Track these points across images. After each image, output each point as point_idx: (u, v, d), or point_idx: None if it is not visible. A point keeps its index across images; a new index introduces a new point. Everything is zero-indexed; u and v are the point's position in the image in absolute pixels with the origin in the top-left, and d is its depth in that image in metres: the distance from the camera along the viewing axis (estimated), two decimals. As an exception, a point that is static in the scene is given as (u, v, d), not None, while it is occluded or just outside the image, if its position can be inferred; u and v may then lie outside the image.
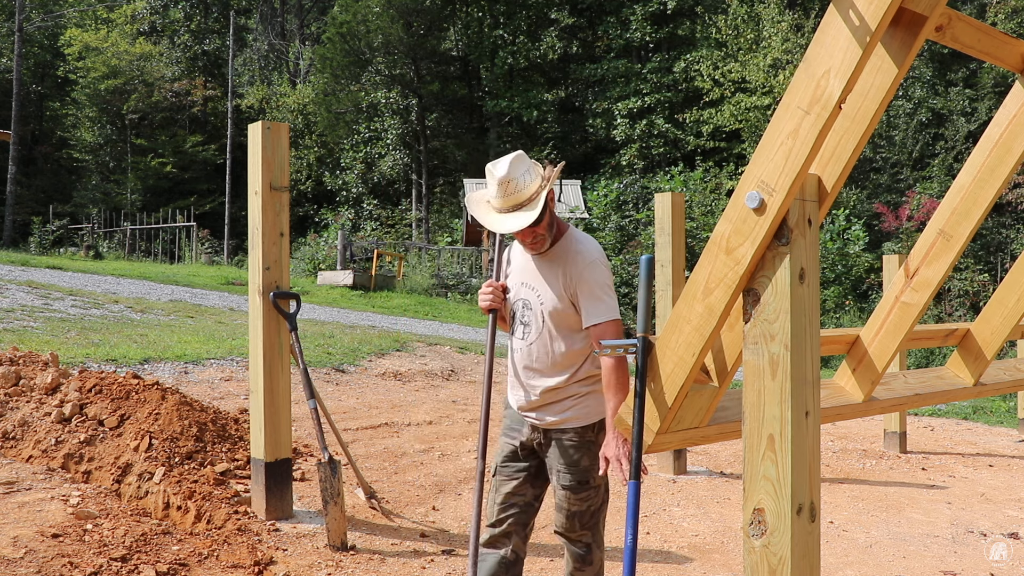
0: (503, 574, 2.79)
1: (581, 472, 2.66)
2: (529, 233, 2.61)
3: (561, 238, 2.71)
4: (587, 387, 2.68)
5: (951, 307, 16.95)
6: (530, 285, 2.73)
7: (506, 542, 2.76)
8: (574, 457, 2.66)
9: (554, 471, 2.71)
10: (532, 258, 2.75)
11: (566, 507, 2.69)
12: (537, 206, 2.56)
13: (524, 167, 2.60)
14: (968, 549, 4.58)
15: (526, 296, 2.74)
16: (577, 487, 2.67)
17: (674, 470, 5.94)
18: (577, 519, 2.70)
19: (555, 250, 2.69)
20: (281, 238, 4.21)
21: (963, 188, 2.53)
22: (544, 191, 2.59)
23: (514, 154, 2.61)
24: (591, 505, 2.71)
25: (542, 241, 2.65)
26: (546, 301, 2.67)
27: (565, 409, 2.67)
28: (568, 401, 2.67)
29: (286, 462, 4.20)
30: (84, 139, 32.32)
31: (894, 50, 1.82)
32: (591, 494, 2.69)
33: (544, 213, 2.59)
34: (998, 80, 20.60)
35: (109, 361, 6.98)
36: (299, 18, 38.33)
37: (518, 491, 2.77)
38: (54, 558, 3.18)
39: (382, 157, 30.03)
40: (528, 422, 2.75)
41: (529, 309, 2.73)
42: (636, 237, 21.20)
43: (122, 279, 15.02)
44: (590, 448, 2.67)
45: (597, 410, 2.68)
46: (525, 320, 2.74)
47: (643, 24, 27.70)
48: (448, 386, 8.70)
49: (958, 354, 3.16)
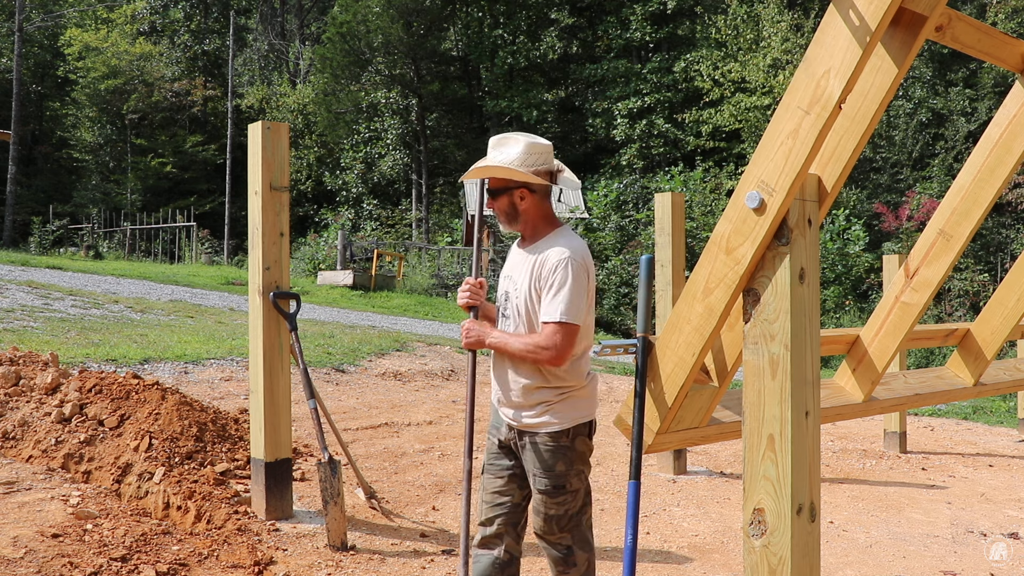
0: (497, 574, 2.79)
1: (556, 476, 2.65)
2: (491, 204, 2.75)
3: (550, 233, 2.71)
4: (562, 391, 2.65)
5: (951, 307, 16.95)
6: (512, 277, 2.75)
7: (498, 542, 2.76)
8: (549, 462, 2.65)
9: (530, 474, 2.71)
10: (518, 251, 2.78)
11: (543, 510, 2.68)
12: (496, 168, 2.66)
13: (525, 148, 2.67)
14: (968, 549, 4.58)
15: (508, 288, 2.77)
16: (553, 491, 2.66)
17: (674, 470, 5.94)
18: (555, 522, 2.68)
19: (539, 244, 2.70)
20: (281, 238, 4.21)
21: (963, 188, 2.53)
22: (519, 169, 2.64)
23: (530, 136, 2.70)
24: (568, 509, 2.69)
25: (504, 220, 2.75)
26: (521, 294, 2.68)
27: (540, 413, 2.65)
28: (542, 406, 2.65)
29: (286, 462, 4.20)
30: (84, 139, 32.32)
31: (894, 50, 1.82)
32: (568, 498, 2.67)
33: (504, 194, 2.69)
34: (998, 80, 20.60)
35: (109, 361, 6.98)
36: (299, 18, 38.32)
37: (505, 490, 2.77)
38: (54, 558, 3.18)
39: (382, 157, 30.03)
40: (505, 421, 2.76)
41: (508, 301, 2.75)
42: (636, 237, 21.20)
43: (122, 279, 15.02)
44: (565, 453, 2.65)
45: (572, 416, 2.66)
46: (506, 312, 2.76)
47: (643, 24, 27.69)
48: (448, 386, 8.70)
49: (958, 354, 3.17)
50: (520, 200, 2.69)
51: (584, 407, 2.70)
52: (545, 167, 2.69)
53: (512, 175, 2.64)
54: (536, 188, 2.69)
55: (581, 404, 2.68)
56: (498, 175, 2.68)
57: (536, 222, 2.73)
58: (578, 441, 2.68)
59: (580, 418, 2.68)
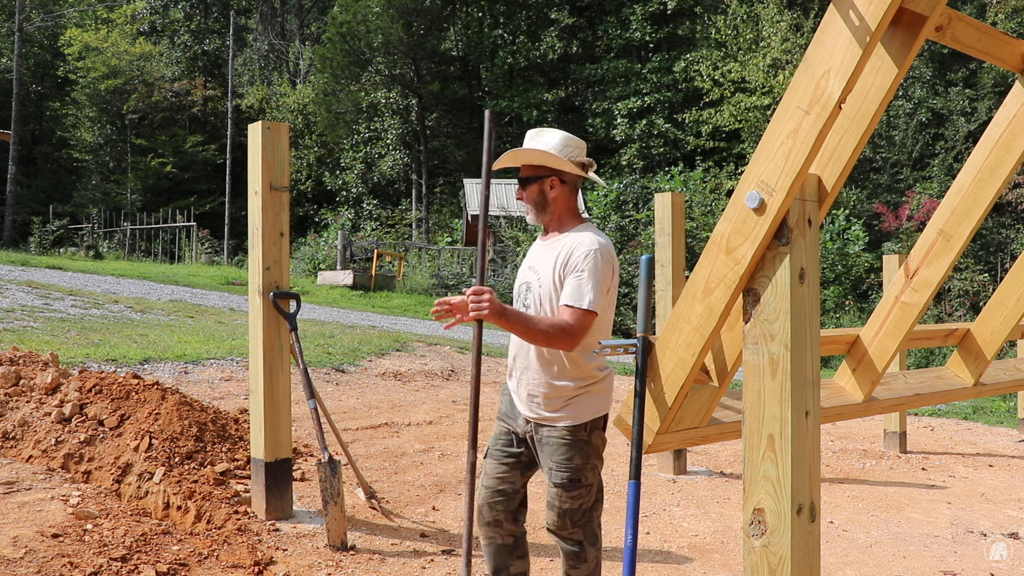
0: (509, 558, 2.85)
1: (573, 470, 2.67)
2: (519, 193, 2.76)
3: (575, 227, 2.75)
4: (581, 385, 2.68)
5: (951, 307, 16.95)
6: (535, 268, 2.78)
7: (499, 530, 2.82)
8: (566, 455, 2.67)
9: (546, 468, 2.73)
10: (541, 243, 2.82)
11: (558, 505, 2.70)
12: (534, 152, 2.69)
13: (563, 138, 2.73)
14: (968, 549, 4.58)
15: (529, 279, 2.79)
16: (569, 485, 2.68)
17: (674, 470, 5.94)
18: (568, 517, 2.70)
19: (564, 236, 2.73)
20: (281, 238, 4.21)
21: (963, 188, 2.53)
22: (555, 159, 2.68)
23: (567, 134, 2.76)
24: (583, 504, 2.71)
25: (533, 209, 2.77)
26: (544, 284, 2.71)
27: (557, 407, 2.68)
28: (560, 399, 2.68)
29: (286, 462, 4.20)
30: (84, 139, 32.33)
31: (894, 50, 1.82)
32: (583, 492, 2.70)
33: (535, 182, 2.72)
34: (998, 80, 20.60)
35: (109, 361, 6.98)
36: (299, 18, 38.32)
37: (506, 477, 2.81)
38: (54, 558, 3.18)
39: (382, 157, 30.04)
40: (523, 414, 2.77)
41: (530, 292, 2.77)
42: (636, 237, 21.19)
43: (122, 279, 15.02)
44: (582, 447, 2.68)
45: (590, 410, 2.69)
46: (526, 303, 2.78)
47: (643, 24, 27.71)
48: (448, 386, 8.70)
49: (958, 354, 3.17)
50: (550, 189, 2.73)
51: (601, 402, 2.73)
52: (579, 160, 2.74)
53: (548, 160, 2.69)
54: (567, 179, 2.74)
55: (598, 399, 2.72)
56: (535, 160, 2.71)
57: (563, 214, 2.77)
58: (595, 435, 2.71)
59: (597, 412, 2.71)
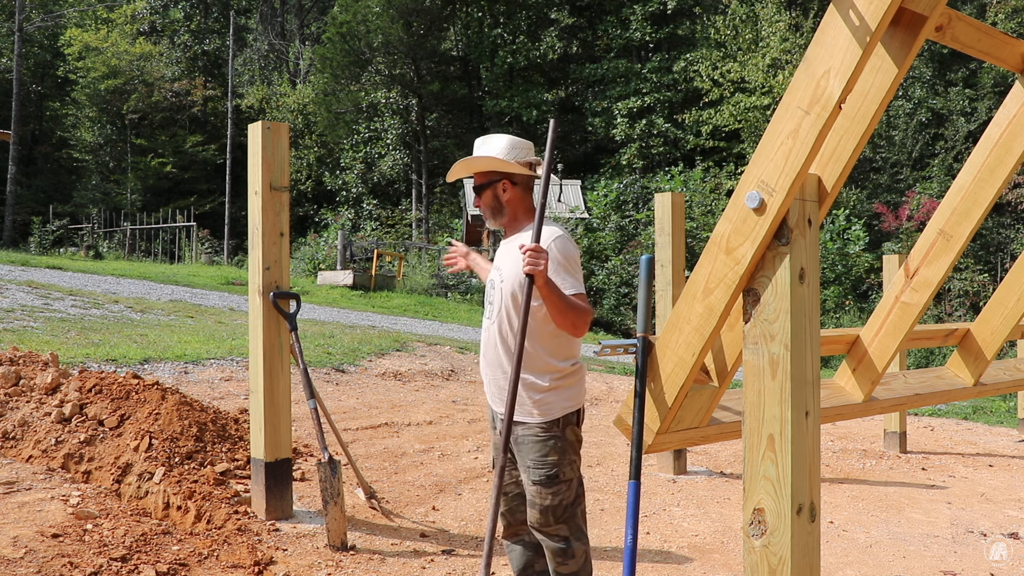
0: (535, 556, 2.91)
1: (550, 466, 2.68)
2: (477, 201, 2.84)
3: (530, 223, 2.79)
4: (549, 382, 2.68)
5: (951, 307, 16.96)
6: (499, 268, 2.81)
7: (523, 529, 2.90)
8: (541, 452, 2.69)
9: (523, 467, 2.74)
10: (503, 245, 2.87)
11: (538, 502, 2.71)
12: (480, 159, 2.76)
13: (508, 142, 2.79)
14: (968, 549, 4.58)
15: (494, 277, 2.83)
16: (547, 481, 2.69)
17: (674, 470, 5.94)
18: (551, 513, 2.71)
19: (523, 234, 2.78)
20: (281, 238, 4.21)
21: (963, 188, 2.53)
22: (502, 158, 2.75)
23: (512, 137, 2.81)
24: (563, 499, 2.71)
25: (489, 214, 2.83)
26: (507, 280, 2.73)
27: (531, 405, 2.69)
28: (532, 396, 2.68)
29: (286, 462, 4.20)
30: (84, 139, 32.33)
31: (894, 50, 1.82)
32: (562, 488, 2.70)
33: (488, 187, 2.79)
34: (998, 80, 20.60)
35: (109, 361, 6.98)
36: (299, 18, 38.32)
37: (519, 480, 2.85)
38: (54, 558, 3.18)
39: (382, 157, 30.04)
40: (498, 416, 2.80)
41: (494, 289, 2.81)
42: (636, 237, 21.19)
43: (122, 279, 15.02)
44: (557, 443, 2.68)
45: (561, 406, 2.70)
46: (491, 300, 2.82)
47: (643, 24, 27.72)
48: (448, 386, 8.70)
49: (958, 354, 3.17)
50: (503, 192, 2.79)
51: (573, 396, 2.73)
52: (526, 160, 2.81)
53: (496, 165, 2.75)
54: (518, 181, 2.79)
55: (570, 393, 2.72)
56: (484, 166, 2.77)
57: (518, 214, 2.82)
58: (568, 430, 2.72)
59: (569, 408, 2.72)
